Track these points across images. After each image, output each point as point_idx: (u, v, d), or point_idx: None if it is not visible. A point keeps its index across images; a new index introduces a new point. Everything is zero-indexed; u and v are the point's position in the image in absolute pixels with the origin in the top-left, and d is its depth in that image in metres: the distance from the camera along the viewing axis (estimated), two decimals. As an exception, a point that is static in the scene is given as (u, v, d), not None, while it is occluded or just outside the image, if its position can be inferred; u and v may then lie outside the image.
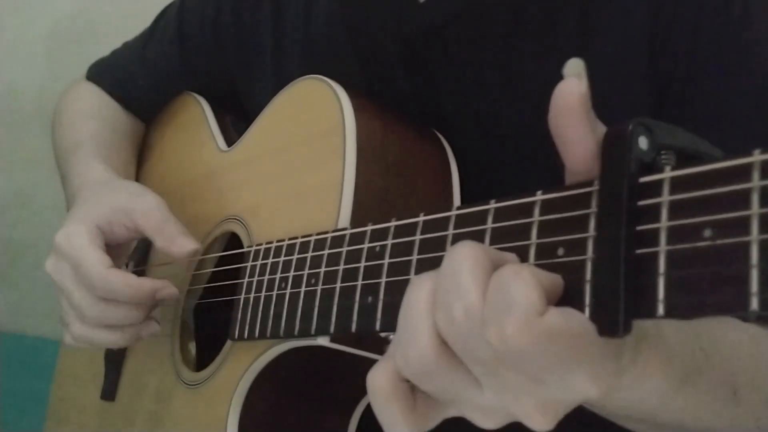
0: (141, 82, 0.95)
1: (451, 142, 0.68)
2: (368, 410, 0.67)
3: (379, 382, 0.41)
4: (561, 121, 0.37)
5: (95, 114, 0.93)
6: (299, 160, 0.68)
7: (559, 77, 0.37)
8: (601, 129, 0.38)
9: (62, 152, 0.90)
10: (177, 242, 0.69)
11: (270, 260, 0.63)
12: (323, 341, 0.57)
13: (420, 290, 0.40)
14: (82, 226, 0.70)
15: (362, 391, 0.66)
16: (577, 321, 0.36)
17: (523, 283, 0.36)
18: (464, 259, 0.38)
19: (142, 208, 0.71)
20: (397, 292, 0.48)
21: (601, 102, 0.61)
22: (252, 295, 0.64)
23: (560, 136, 0.37)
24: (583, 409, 0.44)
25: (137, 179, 0.95)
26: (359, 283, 0.52)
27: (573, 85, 0.36)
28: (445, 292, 0.38)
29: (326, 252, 0.57)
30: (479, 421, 0.40)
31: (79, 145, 0.87)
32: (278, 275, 0.62)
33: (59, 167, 0.90)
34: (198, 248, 0.70)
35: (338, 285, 0.54)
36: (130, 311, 0.68)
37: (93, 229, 0.70)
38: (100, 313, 0.68)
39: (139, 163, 0.96)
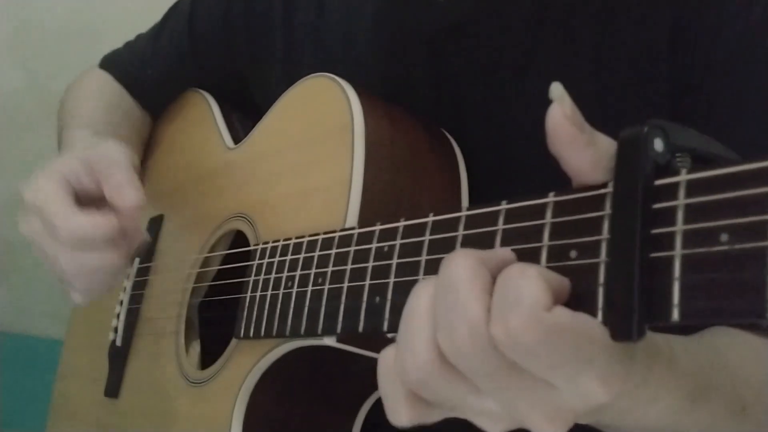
0: (150, 72, 0.95)
1: (465, 141, 0.67)
2: (373, 410, 0.67)
3: (388, 363, 0.40)
4: (555, 144, 0.38)
5: (99, 95, 0.93)
6: (307, 159, 0.67)
7: (577, 77, 0.38)
8: (602, 139, 0.38)
9: (60, 130, 0.89)
10: (123, 192, 0.66)
11: (277, 258, 0.63)
12: (330, 341, 0.57)
13: (419, 298, 0.39)
14: (47, 177, 0.68)
15: (368, 391, 0.66)
16: (585, 320, 0.36)
17: (529, 280, 0.35)
18: (462, 270, 0.37)
19: (98, 152, 0.69)
20: (405, 293, 0.47)
21: (621, 103, 0.61)
22: (258, 294, 0.64)
23: (559, 156, 0.38)
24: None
25: (143, 175, 0.95)
26: (367, 282, 0.51)
27: (556, 109, 0.37)
28: (446, 311, 0.37)
29: (334, 251, 0.56)
30: (486, 426, 0.40)
31: (76, 119, 0.86)
32: (285, 274, 0.61)
33: (58, 145, 0.89)
34: (143, 201, 0.67)
35: (345, 285, 0.53)
36: (107, 254, 0.67)
37: (59, 178, 0.68)
38: (76, 263, 0.66)
39: (145, 159, 0.96)
